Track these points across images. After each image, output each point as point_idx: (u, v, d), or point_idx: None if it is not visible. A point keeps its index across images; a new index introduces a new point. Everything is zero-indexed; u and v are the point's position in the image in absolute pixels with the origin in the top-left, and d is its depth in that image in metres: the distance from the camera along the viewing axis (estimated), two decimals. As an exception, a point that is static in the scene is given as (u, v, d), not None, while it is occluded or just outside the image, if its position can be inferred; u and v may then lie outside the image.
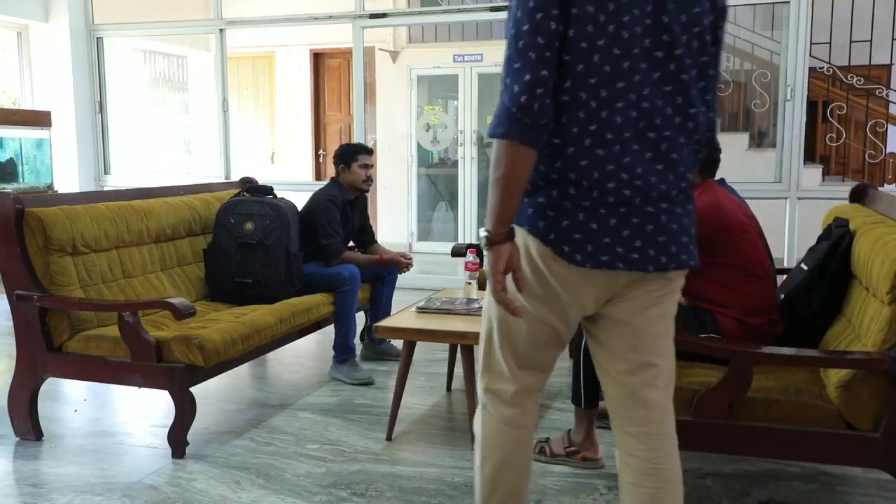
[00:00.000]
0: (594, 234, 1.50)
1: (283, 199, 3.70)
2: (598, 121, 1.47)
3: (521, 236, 1.56)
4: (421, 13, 6.77)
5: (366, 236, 4.17)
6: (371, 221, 4.27)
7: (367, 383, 3.61)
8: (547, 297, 1.58)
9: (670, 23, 1.46)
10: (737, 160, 6.64)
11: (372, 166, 3.94)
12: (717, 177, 2.69)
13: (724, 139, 2.71)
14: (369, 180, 3.91)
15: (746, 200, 2.76)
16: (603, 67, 1.45)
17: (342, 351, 3.68)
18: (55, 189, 6.48)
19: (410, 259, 4.06)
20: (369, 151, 3.94)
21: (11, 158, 6.30)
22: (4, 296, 2.90)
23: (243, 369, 3.81)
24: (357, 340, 3.86)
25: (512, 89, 1.42)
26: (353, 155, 3.85)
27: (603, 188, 1.49)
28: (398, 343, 3.79)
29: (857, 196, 2.98)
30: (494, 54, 7.57)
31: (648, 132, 1.50)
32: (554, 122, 1.48)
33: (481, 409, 1.77)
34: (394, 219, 8.15)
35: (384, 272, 3.97)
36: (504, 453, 1.75)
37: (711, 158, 2.61)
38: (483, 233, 1.51)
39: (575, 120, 1.48)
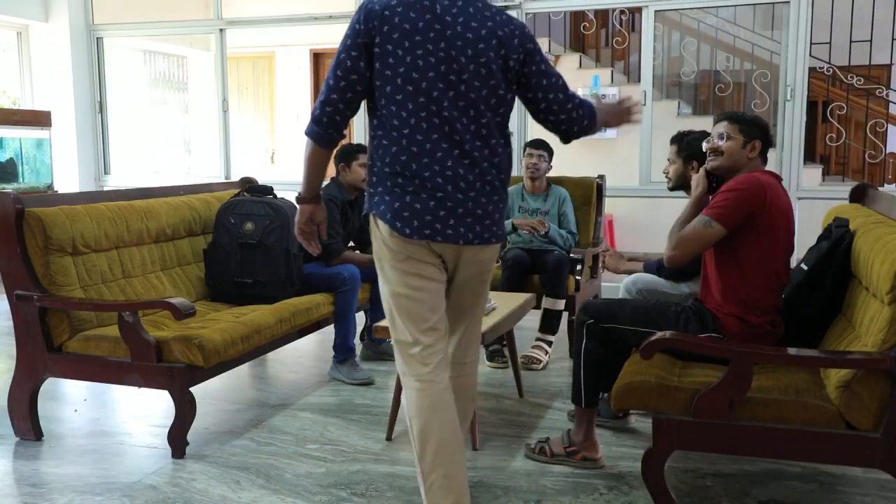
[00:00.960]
0: (418, 213, 1.97)
1: (283, 199, 3.70)
2: (409, 127, 1.96)
3: (373, 220, 2.06)
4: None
5: (366, 236, 4.17)
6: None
7: (367, 383, 3.61)
8: (408, 266, 2.03)
9: (457, 55, 1.95)
10: (737, 160, 6.63)
11: None
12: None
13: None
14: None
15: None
16: (406, 87, 1.95)
17: (342, 351, 3.68)
18: (55, 189, 6.48)
19: None
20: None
21: (11, 158, 6.30)
22: (4, 296, 2.90)
23: (243, 369, 3.81)
24: (357, 340, 3.86)
25: (316, 105, 2.01)
26: (354, 154, 3.85)
27: (421, 177, 1.97)
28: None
29: (857, 196, 2.98)
30: (494, 54, 7.57)
31: (454, 136, 1.97)
32: (383, 129, 2.01)
33: (402, 380, 2.11)
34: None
35: None
36: (426, 410, 2.04)
37: (766, 151, 2.60)
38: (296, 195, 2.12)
39: (392, 127, 1.98)
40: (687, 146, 3.16)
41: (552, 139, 2.65)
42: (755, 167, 2.58)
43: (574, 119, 2.12)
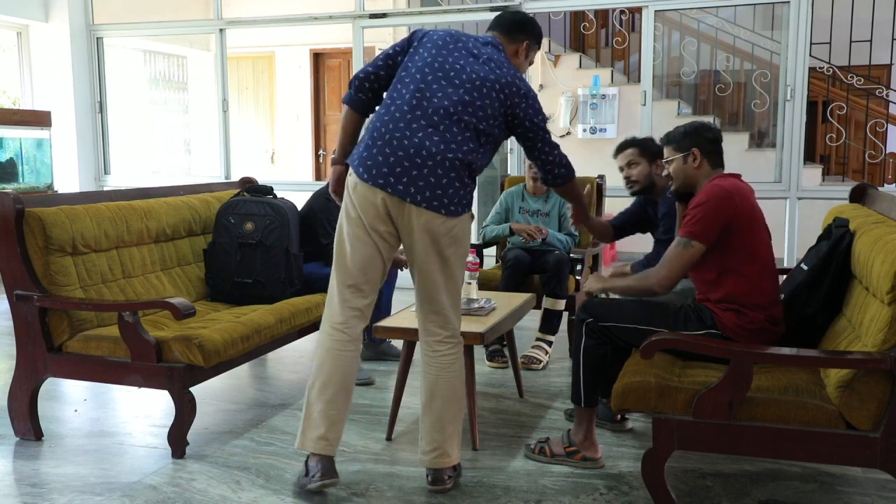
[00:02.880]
0: (379, 164, 2.33)
1: (283, 199, 3.70)
2: (401, 103, 2.39)
3: (350, 172, 2.42)
4: (421, 13, 6.77)
5: None
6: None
7: (368, 383, 3.61)
8: (358, 221, 2.39)
9: (460, 71, 2.41)
10: (737, 160, 6.63)
11: None
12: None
13: (724, 139, 2.72)
14: None
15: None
16: (416, 77, 2.40)
17: None
18: (55, 189, 6.48)
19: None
20: None
21: (11, 158, 6.30)
22: (4, 296, 2.90)
23: (243, 369, 3.81)
24: None
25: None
26: None
27: (392, 137, 2.34)
28: (398, 343, 3.79)
29: (857, 196, 2.99)
30: (494, 54, 7.57)
31: (434, 116, 2.35)
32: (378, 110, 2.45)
33: (321, 329, 2.49)
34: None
35: None
36: (326, 351, 2.44)
37: (713, 150, 2.63)
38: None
39: (387, 103, 2.42)
40: (650, 145, 3.23)
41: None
42: (709, 175, 2.60)
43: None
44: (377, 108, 2.47)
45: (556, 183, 2.66)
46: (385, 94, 2.47)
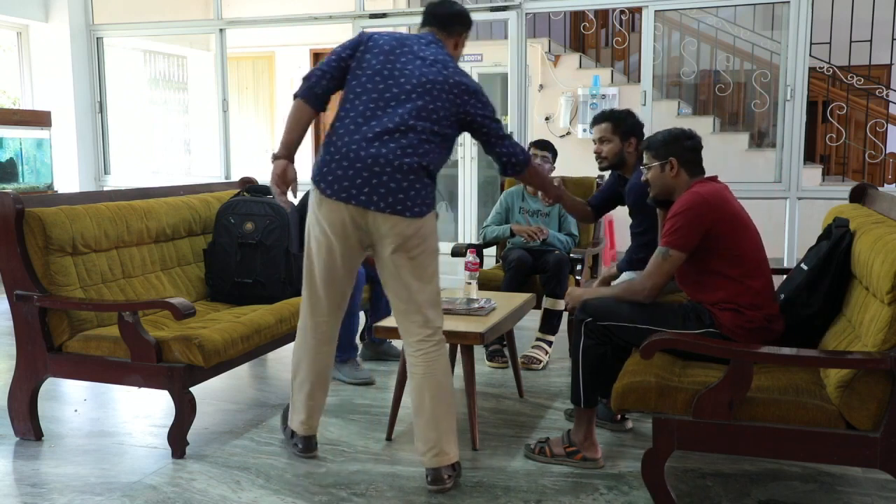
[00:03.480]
0: (340, 178, 2.39)
1: (283, 199, 3.69)
2: (355, 115, 2.46)
3: (312, 188, 2.49)
4: (421, 13, 6.77)
5: None
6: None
7: (368, 383, 3.61)
8: (325, 234, 2.47)
9: (409, 76, 2.48)
10: (737, 160, 6.64)
11: None
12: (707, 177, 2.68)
13: (724, 139, 2.72)
14: None
15: (746, 200, 2.77)
16: (367, 87, 2.48)
17: (344, 350, 3.67)
18: (55, 189, 6.48)
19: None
20: None
21: (11, 158, 6.30)
22: (4, 296, 2.90)
23: (243, 369, 3.81)
24: (357, 340, 3.86)
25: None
26: None
27: (349, 150, 2.41)
28: (398, 343, 3.79)
29: (857, 196, 2.99)
30: (494, 54, 7.57)
31: (389, 124, 2.41)
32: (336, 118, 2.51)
33: (298, 330, 2.69)
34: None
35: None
36: (304, 356, 2.67)
37: (692, 159, 2.61)
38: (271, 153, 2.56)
39: (342, 116, 2.48)
40: (625, 122, 3.20)
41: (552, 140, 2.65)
42: (688, 183, 2.60)
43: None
44: (333, 122, 2.51)
45: (515, 172, 2.70)
46: (339, 106, 2.53)
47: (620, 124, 3.26)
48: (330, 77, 2.51)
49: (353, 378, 3.62)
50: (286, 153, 2.55)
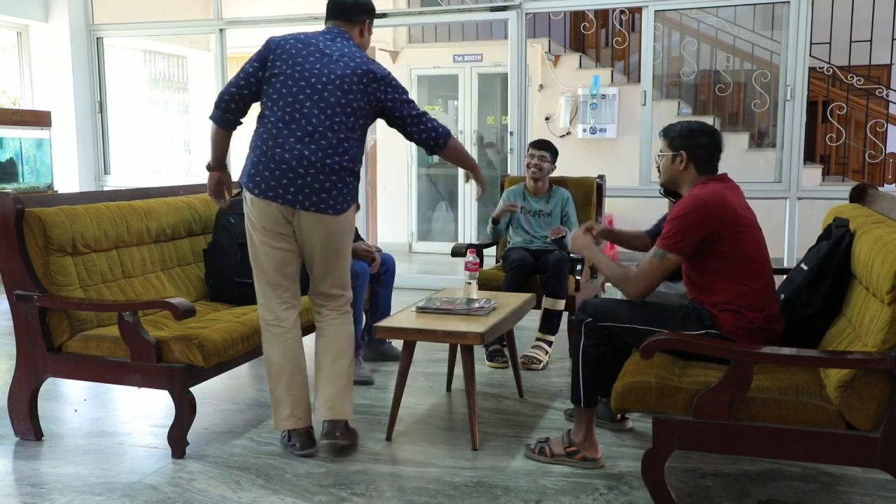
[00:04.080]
0: (267, 180, 2.63)
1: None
2: (276, 120, 2.66)
3: (244, 189, 2.73)
4: (421, 13, 6.77)
5: None
6: (371, 222, 4.25)
7: (368, 383, 3.61)
8: (263, 230, 2.69)
9: (319, 75, 2.65)
10: (737, 160, 6.63)
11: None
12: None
13: (724, 139, 2.71)
14: None
15: (747, 200, 2.76)
16: (282, 93, 2.65)
17: None
18: (55, 189, 6.48)
19: (371, 250, 3.83)
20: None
21: (11, 158, 6.30)
22: (4, 296, 2.90)
23: (243, 369, 3.81)
24: (358, 339, 3.86)
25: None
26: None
27: (273, 153, 2.63)
28: (398, 343, 3.79)
29: (857, 196, 2.99)
30: (494, 54, 7.57)
31: (308, 126, 2.61)
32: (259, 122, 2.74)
33: (260, 327, 2.81)
34: (394, 219, 8.15)
35: (380, 271, 3.95)
36: (266, 343, 2.79)
37: (703, 156, 2.60)
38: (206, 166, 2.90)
39: (264, 121, 2.70)
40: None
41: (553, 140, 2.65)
42: (694, 180, 2.59)
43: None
44: (257, 126, 2.73)
45: (439, 148, 2.82)
46: (259, 113, 2.73)
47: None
48: (239, 98, 2.70)
49: (355, 376, 3.62)
50: (217, 165, 2.90)
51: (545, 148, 4.15)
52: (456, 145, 2.89)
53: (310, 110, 2.62)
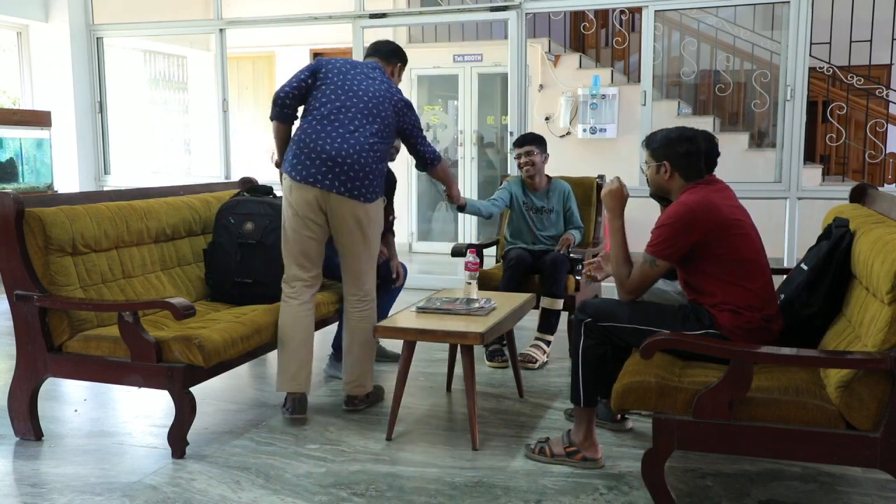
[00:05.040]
0: (308, 167, 3.05)
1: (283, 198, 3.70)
2: (321, 118, 3.10)
3: (284, 177, 3.15)
4: (421, 13, 6.77)
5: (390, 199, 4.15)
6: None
7: (396, 358, 3.65)
8: (295, 216, 3.11)
9: (364, 90, 3.14)
10: (737, 160, 6.63)
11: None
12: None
13: (724, 139, 2.71)
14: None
15: (746, 200, 2.76)
16: (331, 98, 3.11)
17: (338, 350, 3.69)
18: (55, 189, 6.48)
19: (398, 269, 3.87)
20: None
21: (11, 158, 6.30)
22: (4, 296, 2.90)
23: (243, 369, 3.81)
24: None
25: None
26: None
27: (316, 145, 3.05)
28: (398, 343, 3.79)
29: (857, 196, 2.99)
30: (494, 54, 7.57)
31: (350, 126, 3.07)
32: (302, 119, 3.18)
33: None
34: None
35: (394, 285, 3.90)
36: (286, 316, 3.18)
37: (686, 164, 2.58)
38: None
39: (309, 119, 3.13)
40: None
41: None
42: (682, 187, 2.59)
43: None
44: (301, 124, 3.14)
45: (430, 167, 3.36)
46: (304, 113, 3.17)
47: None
48: (293, 97, 3.14)
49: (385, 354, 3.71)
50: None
51: (529, 143, 4.11)
52: (443, 167, 3.42)
53: (353, 114, 3.08)
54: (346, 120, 3.07)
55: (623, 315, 2.55)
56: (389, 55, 3.41)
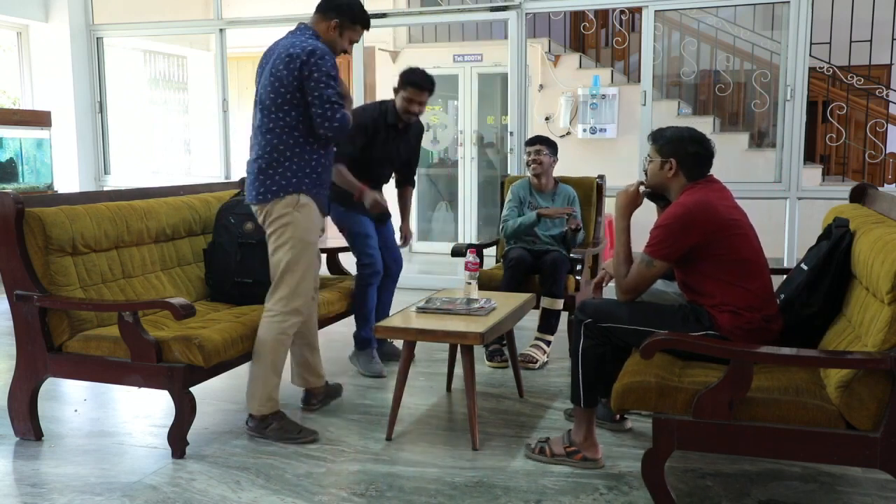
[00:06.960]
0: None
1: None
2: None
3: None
4: (421, 13, 6.77)
5: (404, 171, 4.15)
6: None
7: (379, 376, 3.67)
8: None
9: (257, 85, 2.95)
10: (737, 160, 6.63)
11: (419, 103, 3.81)
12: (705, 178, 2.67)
13: (724, 139, 2.72)
14: (409, 115, 3.84)
15: (746, 200, 2.76)
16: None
17: (356, 341, 3.83)
18: (55, 189, 6.48)
19: (384, 204, 3.94)
20: (423, 88, 3.81)
21: (11, 158, 6.30)
22: (4, 296, 2.90)
23: (243, 369, 3.80)
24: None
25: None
26: (404, 84, 3.80)
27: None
28: (398, 343, 3.80)
29: (857, 196, 2.99)
30: (494, 54, 7.57)
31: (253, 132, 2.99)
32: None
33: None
34: (394, 219, 8.11)
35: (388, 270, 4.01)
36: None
37: (693, 164, 2.59)
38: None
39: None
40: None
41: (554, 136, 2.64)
42: (682, 186, 2.59)
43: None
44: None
45: (322, 138, 2.93)
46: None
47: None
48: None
49: (367, 370, 3.73)
50: None
51: (540, 142, 4.14)
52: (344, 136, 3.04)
53: (253, 117, 2.98)
54: (253, 127, 2.96)
55: (623, 315, 2.55)
56: (326, 8, 2.85)
